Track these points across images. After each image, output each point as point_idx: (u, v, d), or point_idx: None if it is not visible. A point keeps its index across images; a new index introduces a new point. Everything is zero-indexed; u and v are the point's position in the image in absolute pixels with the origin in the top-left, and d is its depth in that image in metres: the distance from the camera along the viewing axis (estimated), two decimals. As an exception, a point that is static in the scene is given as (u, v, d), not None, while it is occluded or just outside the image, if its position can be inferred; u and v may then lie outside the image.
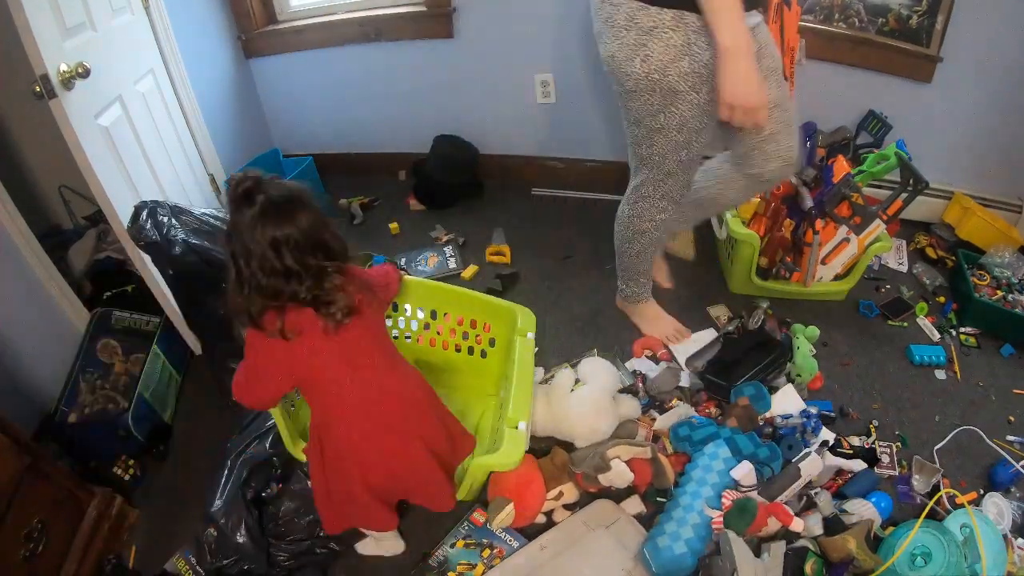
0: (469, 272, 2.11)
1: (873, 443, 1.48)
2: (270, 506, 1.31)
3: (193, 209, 1.66)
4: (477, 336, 1.61)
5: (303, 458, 1.27)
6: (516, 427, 1.21)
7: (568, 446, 1.48)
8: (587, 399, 1.46)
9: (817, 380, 1.65)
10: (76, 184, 2.13)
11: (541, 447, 1.51)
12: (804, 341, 1.67)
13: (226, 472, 1.36)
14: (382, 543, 1.31)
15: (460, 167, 2.44)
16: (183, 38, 1.99)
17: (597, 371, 1.55)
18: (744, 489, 1.30)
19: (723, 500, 1.27)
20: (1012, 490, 1.39)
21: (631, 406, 1.54)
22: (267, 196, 0.94)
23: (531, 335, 1.44)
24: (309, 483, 1.28)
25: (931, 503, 1.30)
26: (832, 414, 1.57)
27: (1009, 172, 2.15)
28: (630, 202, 1.59)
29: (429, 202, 2.48)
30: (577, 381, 1.55)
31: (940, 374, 1.71)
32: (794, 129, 1.46)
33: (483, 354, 1.63)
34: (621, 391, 1.60)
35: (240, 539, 1.23)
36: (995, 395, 1.66)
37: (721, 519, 1.24)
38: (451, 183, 2.45)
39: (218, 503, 1.30)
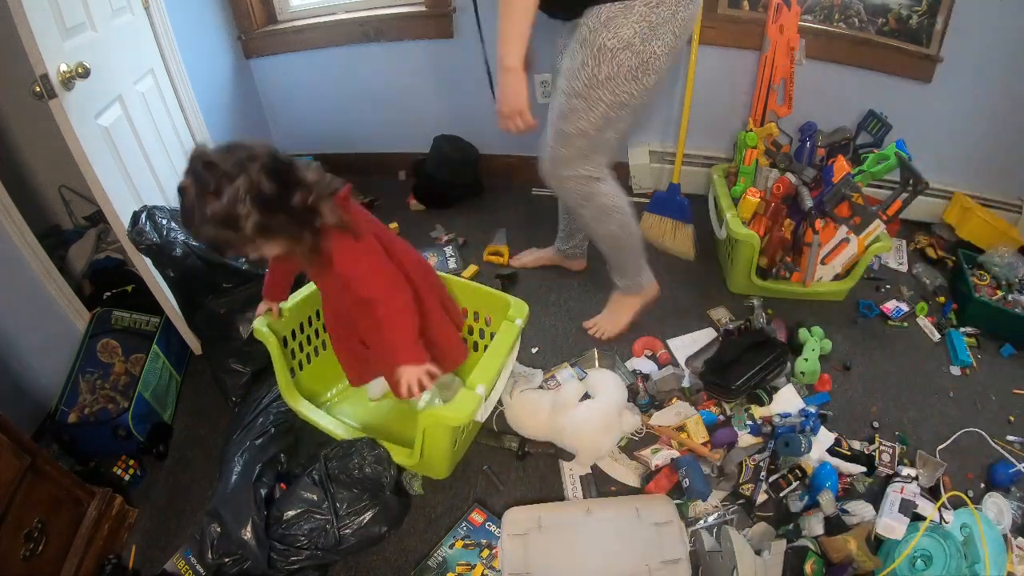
0: (469, 272, 2.11)
1: (875, 450, 1.48)
2: (274, 508, 1.31)
3: (193, 210, 1.67)
4: (469, 327, 1.63)
5: (298, 409, 1.43)
6: (474, 389, 1.25)
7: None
8: (594, 415, 1.45)
9: (826, 383, 1.66)
10: (76, 184, 2.14)
11: (538, 451, 1.51)
12: (814, 350, 1.68)
13: (230, 468, 1.37)
14: None
15: (460, 167, 2.44)
16: (183, 38, 1.99)
17: (607, 386, 1.53)
18: None
19: None
20: (1012, 490, 1.39)
21: (633, 423, 1.53)
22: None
23: (519, 321, 1.43)
24: (313, 495, 1.29)
25: (936, 506, 1.29)
26: (828, 409, 1.58)
27: (1009, 172, 2.16)
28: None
29: (429, 202, 2.48)
30: (585, 394, 1.54)
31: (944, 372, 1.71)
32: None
33: (475, 347, 1.65)
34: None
35: (245, 536, 1.23)
36: (995, 395, 1.66)
37: None
38: (451, 183, 2.45)
39: (223, 499, 1.30)
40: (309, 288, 1.57)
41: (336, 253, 1.13)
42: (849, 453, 1.45)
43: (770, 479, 1.40)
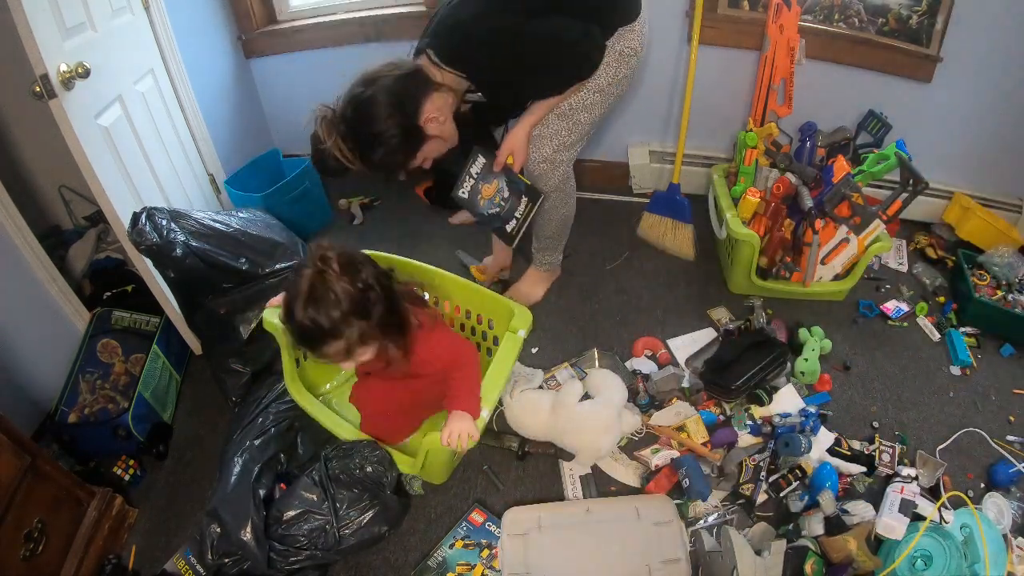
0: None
1: (875, 450, 1.48)
2: (273, 508, 1.31)
3: (192, 212, 1.67)
4: (483, 332, 1.63)
5: (299, 399, 1.45)
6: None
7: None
8: (594, 415, 1.45)
9: (825, 383, 1.66)
10: (76, 184, 2.13)
11: (538, 451, 1.51)
12: (814, 350, 1.68)
13: (229, 469, 1.37)
14: None
15: None
16: (183, 38, 1.99)
17: (607, 386, 1.53)
18: None
19: None
20: (1012, 490, 1.39)
21: (633, 423, 1.54)
22: None
23: (522, 332, 1.43)
24: (313, 495, 1.29)
25: (936, 506, 1.29)
26: (828, 409, 1.59)
27: (1009, 172, 2.15)
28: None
29: (445, 202, 2.45)
30: (586, 394, 1.54)
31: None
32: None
33: (488, 352, 1.64)
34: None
35: (244, 536, 1.23)
36: (995, 395, 1.66)
37: None
38: None
39: (222, 499, 1.30)
40: None
41: (417, 344, 1.24)
42: (849, 453, 1.45)
43: (770, 479, 1.40)
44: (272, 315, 1.43)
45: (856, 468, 1.43)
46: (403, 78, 1.36)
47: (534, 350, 1.81)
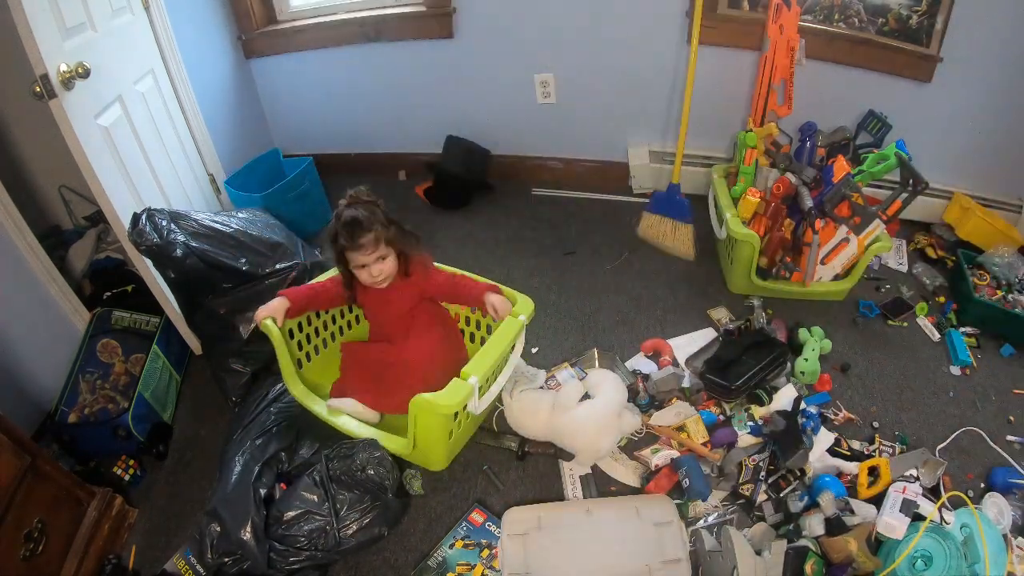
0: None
1: (875, 450, 1.48)
2: (274, 508, 1.31)
3: (192, 213, 1.67)
4: (477, 322, 1.66)
5: (299, 397, 1.49)
6: (466, 379, 1.29)
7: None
8: (593, 415, 1.45)
9: (825, 383, 1.66)
10: (76, 184, 2.13)
11: (538, 451, 1.51)
12: (814, 350, 1.68)
13: (230, 468, 1.37)
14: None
15: (479, 166, 2.46)
16: (183, 38, 1.99)
17: (607, 385, 1.53)
18: None
19: None
20: (1012, 490, 1.39)
21: (633, 423, 1.53)
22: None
23: (523, 317, 1.45)
24: (313, 496, 1.29)
25: (936, 506, 1.29)
26: (828, 408, 1.59)
27: (1009, 172, 2.15)
28: None
29: (444, 202, 2.46)
30: (586, 394, 1.53)
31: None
32: None
33: (481, 341, 1.66)
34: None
35: (244, 536, 1.23)
36: (995, 395, 1.66)
37: None
38: (473, 182, 2.47)
39: (222, 499, 1.31)
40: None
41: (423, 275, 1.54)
42: (849, 453, 1.45)
43: (770, 479, 1.40)
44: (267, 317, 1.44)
45: (856, 468, 1.43)
46: None
47: (534, 350, 1.81)
